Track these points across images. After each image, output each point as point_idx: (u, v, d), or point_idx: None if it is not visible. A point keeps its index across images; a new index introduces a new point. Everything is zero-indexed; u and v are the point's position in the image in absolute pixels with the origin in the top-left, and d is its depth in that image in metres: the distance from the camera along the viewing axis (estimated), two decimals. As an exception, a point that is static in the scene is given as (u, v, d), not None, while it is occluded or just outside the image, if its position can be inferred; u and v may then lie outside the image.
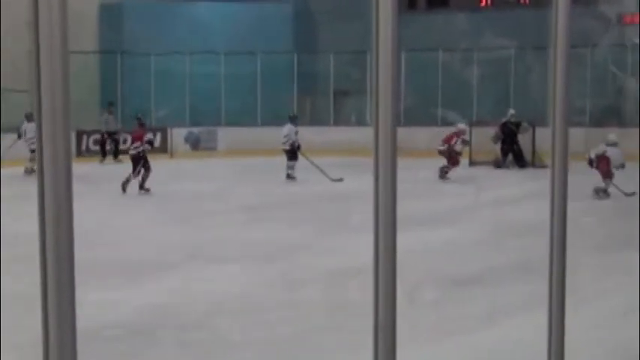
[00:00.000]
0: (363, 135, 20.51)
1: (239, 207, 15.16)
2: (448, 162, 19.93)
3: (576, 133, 17.22)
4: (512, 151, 23.18)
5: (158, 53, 27.38)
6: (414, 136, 21.69)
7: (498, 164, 22.81)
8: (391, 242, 2.27)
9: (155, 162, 18.14)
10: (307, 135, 21.65)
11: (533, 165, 22.35)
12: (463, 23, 27.50)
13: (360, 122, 27.00)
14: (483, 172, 21.44)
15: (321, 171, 18.87)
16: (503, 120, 23.31)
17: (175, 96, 27.46)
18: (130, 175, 17.29)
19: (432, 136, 22.53)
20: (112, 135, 24.86)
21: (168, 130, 26.27)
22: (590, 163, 16.36)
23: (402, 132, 2.56)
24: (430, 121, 26.02)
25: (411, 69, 24.95)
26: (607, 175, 16.28)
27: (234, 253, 10.90)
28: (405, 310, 2.59)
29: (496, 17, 27.34)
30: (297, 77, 29.33)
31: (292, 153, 19.79)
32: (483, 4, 28.74)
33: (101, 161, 24.26)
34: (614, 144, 16.68)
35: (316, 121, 28.22)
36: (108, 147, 24.89)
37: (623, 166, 16.30)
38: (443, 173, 19.73)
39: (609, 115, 25.39)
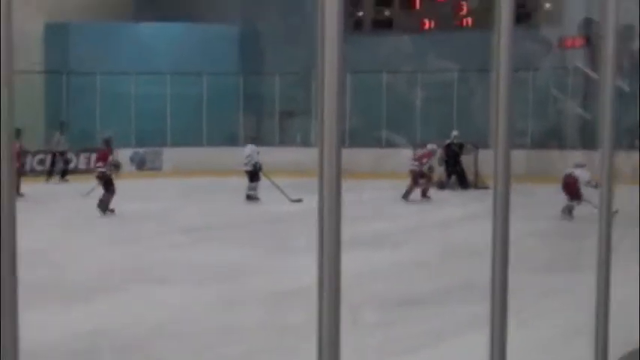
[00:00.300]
0: (308, 155, 20.59)
1: (184, 228, 15.09)
2: (418, 181, 20.11)
3: (518, 155, 17.45)
4: (455, 173, 23.38)
5: (104, 73, 27.26)
6: (358, 157, 21.79)
7: (442, 185, 22.98)
8: (335, 263, 2.27)
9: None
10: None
11: (476, 186, 22.54)
12: (407, 46, 27.75)
13: (305, 143, 27.05)
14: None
15: (282, 191, 18.81)
16: (447, 141, 23.52)
17: (121, 116, 27.32)
18: (104, 196, 17.22)
19: (376, 157, 22.66)
20: (62, 155, 24.86)
21: (114, 151, 26.07)
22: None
23: (347, 153, 2.57)
24: (374, 142, 26.17)
25: (356, 91, 25.09)
26: (575, 196, 16.49)
27: (177, 275, 10.83)
28: (349, 331, 2.59)
29: (439, 40, 27.62)
30: (242, 98, 29.37)
31: (254, 174, 19.76)
32: (427, 27, 29.01)
33: (47, 180, 24.08)
34: (581, 165, 16.93)
35: (262, 141, 28.20)
36: (56, 166, 24.85)
37: (595, 186, 16.43)
38: (424, 192, 19.97)
39: (551, 138, 25.75)
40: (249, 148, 20.11)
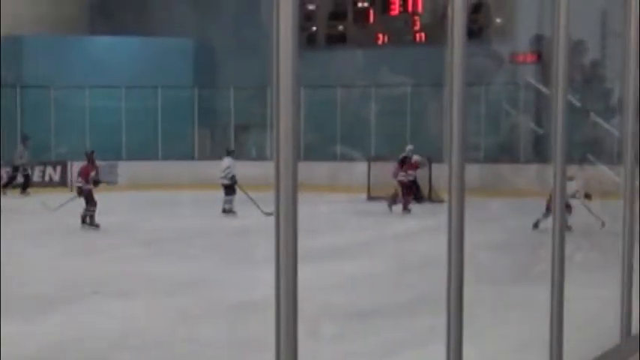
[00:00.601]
0: (263, 169, 20.51)
1: (142, 241, 15.05)
2: (403, 193, 20.24)
3: (472, 169, 17.54)
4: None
5: (58, 87, 27.09)
6: (314, 171, 21.82)
7: (396, 199, 23.05)
8: (292, 276, 2.29)
9: (57, 196, 17.89)
10: (207, 169, 21.60)
11: (430, 200, 22.64)
12: (361, 60, 27.88)
13: (261, 156, 27.03)
14: (381, 206, 21.65)
15: (257, 205, 18.71)
16: (402, 156, 23.63)
17: (76, 130, 27.11)
18: (87, 210, 17.16)
19: (331, 171, 22.70)
20: (24, 168, 24.74)
21: (68, 164, 25.90)
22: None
23: (302, 167, 2.58)
24: (329, 156, 26.21)
25: (310, 105, 25.14)
26: (549, 209, 16.50)
27: (137, 288, 10.80)
28: (306, 344, 2.60)
29: (393, 54, 27.77)
30: (197, 112, 29.34)
31: (231, 187, 19.68)
32: (381, 41, 29.15)
33: (4, 193, 23.83)
34: (570, 178, 16.95)
35: (217, 155, 28.20)
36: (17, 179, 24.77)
37: (585, 196, 16.45)
38: (405, 204, 20.06)
39: (504, 152, 25.98)
40: (228, 161, 20.05)
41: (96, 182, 17.74)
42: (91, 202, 17.22)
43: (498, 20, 27.64)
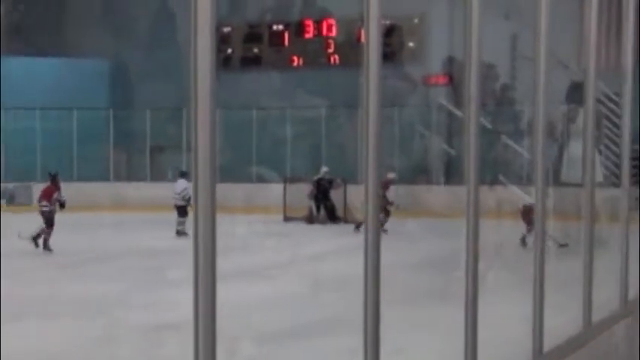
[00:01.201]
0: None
1: (58, 263, 14.87)
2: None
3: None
4: (325, 207, 23.58)
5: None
6: (230, 192, 21.75)
7: (311, 220, 23.12)
8: (211, 296, 2.29)
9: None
10: (124, 190, 21.39)
11: (346, 220, 22.77)
12: (276, 82, 27.96)
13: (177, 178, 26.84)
14: (297, 227, 21.71)
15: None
16: (317, 177, 23.73)
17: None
18: (41, 229, 16.83)
19: (247, 192, 22.62)
20: None
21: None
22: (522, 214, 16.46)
23: (218, 188, 2.59)
24: (245, 178, 26.17)
25: (226, 127, 25.07)
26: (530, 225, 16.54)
27: (54, 309, 10.65)
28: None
29: (308, 77, 27.92)
30: (113, 133, 29.07)
31: (184, 208, 19.48)
32: (296, 63, 29.28)
33: None
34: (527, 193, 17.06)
35: (133, 176, 27.97)
36: None
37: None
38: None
39: (417, 173, 26.27)
40: (184, 183, 19.86)
41: (61, 204, 17.31)
42: (50, 224, 16.83)
43: (410, 43, 27.99)
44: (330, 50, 28.84)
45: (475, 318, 3.53)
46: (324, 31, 28.97)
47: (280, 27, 29.42)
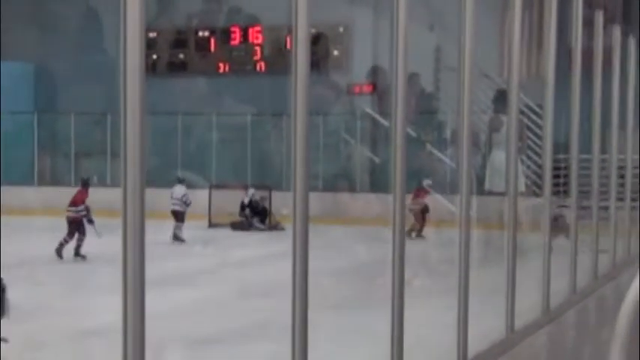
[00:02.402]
0: (104, 196, 20.17)
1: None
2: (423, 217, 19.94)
3: (311, 197, 17.75)
4: (257, 214, 23.54)
5: None
6: (155, 198, 21.57)
7: (237, 226, 23.07)
8: (140, 302, 2.28)
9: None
10: (48, 194, 21.13)
11: (270, 227, 22.77)
12: (203, 88, 27.85)
13: (102, 183, 26.55)
14: (224, 233, 21.65)
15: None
16: (246, 200, 23.68)
17: None
18: (63, 239, 16.25)
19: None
20: None
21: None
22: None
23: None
24: (170, 183, 25.99)
25: (152, 132, 24.85)
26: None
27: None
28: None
29: (234, 83, 27.87)
30: (37, 137, 28.66)
31: (183, 214, 19.36)
32: (222, 70, 29.20)
33: None
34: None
35: (57, 181, 27.57)
36: None
37: None
38: (417, 232, 19.48)
39: (341, 180, 26.39)
40: (181, 189, 19.68)
41: (88, 210, 16.84)
42: (82, 231, 16.31)
43: (335, 52, 28.14)
44: (257, 57, 28.84)
45: (401, 323, 3.57)
46: (251, 38, 28.96)
47: (207, 33, 29.32)
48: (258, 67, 28.85)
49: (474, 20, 4.36)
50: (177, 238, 19.44)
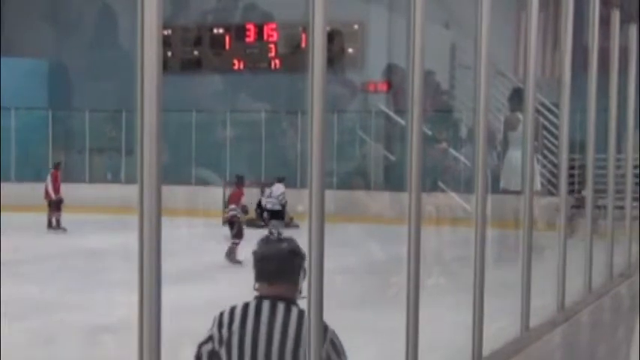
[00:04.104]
0: (118, 192, 20.26)
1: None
2: None
3: (326, 195, 17.70)
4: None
5: None
6: (170, 194, 21.63)
7: (252, 223, 23.08)
8: (156, 299, 2.29)
9: None
10: (62, 191, 21.24)
11: (284, 225, 22.79)
12: (217, 85, 27.88)
13: (116, 180, 26.64)
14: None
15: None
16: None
17: None
18: (232, 243, 15.79)
19: (187, 195, 22.53)
20: None
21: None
22: None
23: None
24: (184, 180, 26.07)
25: (166, 129, 24.88)
26: None
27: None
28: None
29: (249, 81, 27.90)
30: (52, 134, 28.76)
31: (280, 213, 19.29)
32: (237, 67, 29.23)
33: None
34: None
35: (71, 177, 27.67)
36: None
37: None
38: None
39: (357, 178, 26.39)
40: (280, 187, 19.59)
41: (245, 210, 16.61)
42: (240, 233, 15.92)
43: (350, 50, 28.14)
44: (272, 54, 28.86)
45: (416, 322, 3.57)
46: (266, 36, 28.99)
47: (222, 30, 29.36)
48: (272, 65, 28.89)
49: (490, 18, 4.35)
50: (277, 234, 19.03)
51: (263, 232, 21.57)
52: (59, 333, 9.47)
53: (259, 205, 23.45)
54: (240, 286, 13.16)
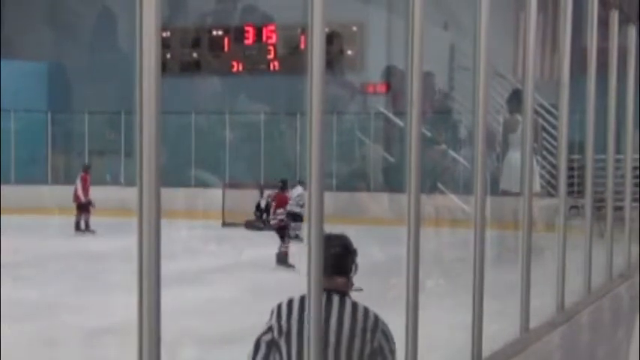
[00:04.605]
0: (117, 194, 20.27)
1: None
2: None
3: (325, 196, 17.70)
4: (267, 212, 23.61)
5: None
6: (169, 196, 21.64)
7: (251, 225, 23.12)
8: (155, 300, 2.29)
9: None
10: (61, 193, 21.23)
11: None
12: (216, 87, 27.90)
13: (115, 182, 26.66)
14: (238, 232, 21.71)
15: None
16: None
17: None
18: (282, 246, 15.71)
19: (186, 196, 22.56)
20: None
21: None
22: None
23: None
24: (184, 182, 26.08)
25: (165, 131, 24.88)
26: None
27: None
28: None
29: (248, 82, 27.93)
30: (51, 136, 28.80)
31: (299, 215, 19.25)
32: (235, 69, 29.25)
33: None
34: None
35: (70, 180, 27.71)
36: None
37: None
38: None
39: (356, 180, 26.41)
40: (300, 189, 19.57)
41: (294, 216, 16.51)
42: (286, 237, 15.87)
43: (349, 51, 28.16)
44: (271, 56, 28.88)
45: (416, 324, 3.57)
46: (265, 37, 29.01)
47: (220, 32, 29.38)
48: (271, 66, 28.92)
49: (488, 19, 4.35)
50: (297, 237, 18.86)
51: (262, 234, 21.60)
52: (59, 335, 9.48)
53: (258, 207, 23.46)
54: (240, 287, 13.23)
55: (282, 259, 15.80)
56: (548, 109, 15.61)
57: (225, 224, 23.10)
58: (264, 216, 23.16)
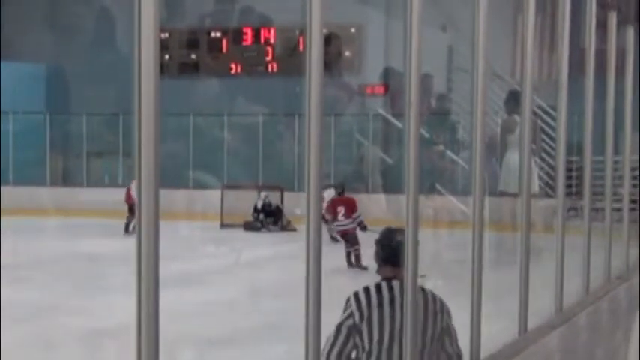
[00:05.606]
0: (115, 196, 20.28)
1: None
2: None
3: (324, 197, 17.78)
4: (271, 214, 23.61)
5: None
6: (168, 198, 21.64)
7: (249, 227, 23.12)
8: (154, 302, 2.29)
9: None
10: (60, 195, 21.22)
11: (282, 227, 22.83)
12: (214, 89, 27.91)
13: (113, 184, 26.66)
14: (236, 233, 21.71)
15: None
16: (259, 203, 23.71)
17: None
18: (351, 250, 15.63)
19: (185, 198, 22.55)
20: None
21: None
22: None
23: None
24: (182, 184, 26.07)
25: (163, 132, 24.89)
26: None
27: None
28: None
29: (246, 84, 27.94)
30: (50, 138, 28.81)
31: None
32: (234, 71, 29.25)
33: None
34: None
35: (69, 182, 27.74)
36: None
37: None
38: None
39: (354, 181, 26.40)
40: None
41: (362, 226, 16.10)
42: (357, 241, 15.72)
43: (347, 53, 28.17)
44: (269, 58, 28.89)
45: (415, 324, 3.58)
46: (263, 39, 29.01)
47: (219, 34, 29.39)
48: (270, 68, 28.92)
49: (487, 21, 4.36)
50: (334, 239, 18.59)
51: (260, 235, 21.62)
52: (59, 337, 9.48)
53: (255, 208, 23.46)
54: (238, 289, 13.23)
55: (356, 261, 15.68)
56: (546, 111, 15.62)
57: (223, 225, 23.10)
58: (261, 217, 23.18)
